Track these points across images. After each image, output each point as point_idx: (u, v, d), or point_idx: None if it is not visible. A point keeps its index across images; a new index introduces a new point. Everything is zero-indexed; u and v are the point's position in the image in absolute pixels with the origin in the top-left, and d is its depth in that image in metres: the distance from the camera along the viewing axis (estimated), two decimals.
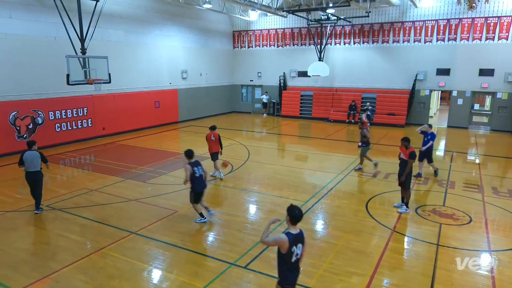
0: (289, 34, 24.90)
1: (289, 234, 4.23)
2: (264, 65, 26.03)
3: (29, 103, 14.43)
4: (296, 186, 10.61)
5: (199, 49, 23.50)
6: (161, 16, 20.28)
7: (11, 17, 13.69)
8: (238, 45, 26.83)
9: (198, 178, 7.94)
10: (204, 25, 23.71)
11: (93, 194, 9.98)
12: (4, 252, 6.83)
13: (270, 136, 19.20)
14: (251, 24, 26.03)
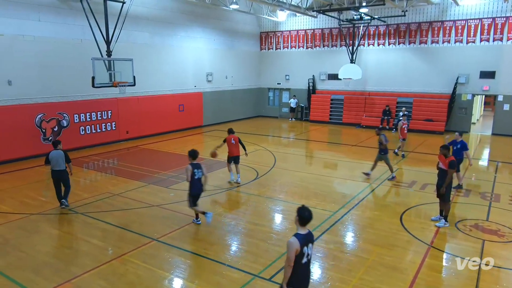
0: (319, 35, 24.79)
1: (298, 235, 4.32)
2: (293, 67, 26.00)
3: (55, 106, 15.05)
4: (324, 195, 10.49)
5: (225, 51, 23.79)
6: (187, 18, 20.70)
7: (39, 20, 14.38)
8: (266, 46, 26.96)
9: (196, 180, 8.20)
10: (231, 26, 23.99)
11: (116, 198, 10.24)
12: (27, 254, 7.11)
13: (297, 142, 19.10)
14: (279, 25, 26.11)
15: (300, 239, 4.28)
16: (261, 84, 27.54)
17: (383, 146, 11.74)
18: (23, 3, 13.81)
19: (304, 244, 4.32)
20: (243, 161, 14.10)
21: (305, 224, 4.40)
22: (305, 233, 4.39)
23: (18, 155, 13.97)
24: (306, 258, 4.36)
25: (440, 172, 8.42)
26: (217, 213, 9.18)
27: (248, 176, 12.31)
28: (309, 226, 4.49)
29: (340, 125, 23.78)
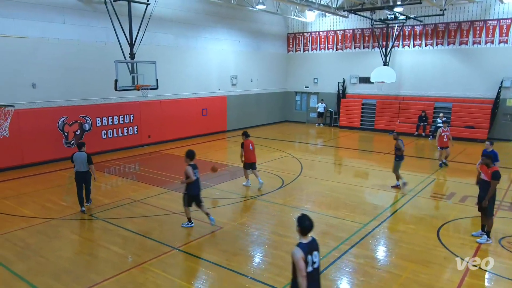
0: (350, 36, 24.59)
1: (301, 244, 4.41)
2: (321, 70, 25.88)
3: (78, 109, 15.56)
4: (354, 206, 10.33)
5: (250, 53, 23.96)
6: (212, 19, 21.00)
7: (64, 22, 14.95)
8: (293, 48, 26.96)
9: (196, 181, 8.72)
10: (257, 28, 24.16)
11: (136, 205, 10.44)
12: (47, 260, 7.34)
13: (325, 149, 18.94)
14: (308, 26, 26.08)
15: (303, 248, 4.37)
16: (287, 87, 27.52)
17: (399, 152, 11.64)
18: (49, 5, 14.41)
19: (308, 252, 4.40)
20: (268, 169, 14.12)
21: (306, 234, 4.49)
22: (308, 242, 4.46)
23: (41, 158, 14.50)
24: (312, 266, 4.42)
25: (482, 184, 8.13)
26: (240, 222, 9.19)
27: (273, 184, 12.29)
28: (337, 238, 4.42)
29: (372, 131, 23.42)
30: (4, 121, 9.10)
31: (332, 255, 7.44)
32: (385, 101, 23.51)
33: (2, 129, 9.17)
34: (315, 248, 4.51)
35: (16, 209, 10.00)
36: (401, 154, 11.71)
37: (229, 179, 12.96)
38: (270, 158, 15.95)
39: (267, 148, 18.19)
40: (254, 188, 11.86)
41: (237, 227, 8.83)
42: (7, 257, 7.41)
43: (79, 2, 15.31)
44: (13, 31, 13.55)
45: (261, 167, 14.42)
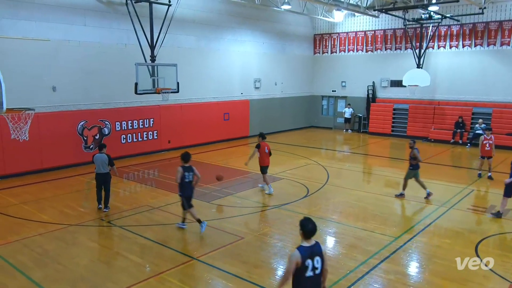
0: (380, 37, 24.33)
1: (301, 247, 4.48)
2: (350, 73, 25.68)
3: (97, 113, 15.96)
4: (384, 218, 10.15)
5: (274, 55, 24.03)
6: (235, 20, 21.20)
7: (85, 24, 15.41)
8: (320, 50, 26.88)
9: (187, 183, 9.16)
10: (281, 29, 24.23)
11: (155, 212, 10.58)
12: (65, 267, 7.53)
13: (353, 157, 18.72)
14: (336, 26, 25.97)
15: (302, 251, 4.44)
16: (314, 91, 27.42)
17: (414, 162, 11.59)
18: (70, 7, 14.89)
19: (308, 256, 4.44)
20: (292, 177, 14.08)
21: (309, 237, 4.54)
22: (310, 245, 4.52)
23: (60, 163, 14.91)
24: (312, 272, 4.46)
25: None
26: (263, 232, 9.18)
27: (297, 193, 12.23)
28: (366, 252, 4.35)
29: (404, 138, 22.98)
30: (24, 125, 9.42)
31: (360, 270, 7.32)
32: (418, 106, 23.10)
33: (22, 133, 9.48)
34: (318, 253, 4.53)
35: (35, 214, 10.30)
36: (417, 163, 11.65)
37: (251, 186, 12.98)
38: (294, 166, 15.89)
39: (292, 155, 18.14)
40: (277, 197, 11.82)
41: (259, 237, 8.82)
42: (25, 263, 7.63)
43: (100, 3, 15.76)
44: (34, 34, 14.05)
45: (285, 174, 14.41)
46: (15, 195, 11.94)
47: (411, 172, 11.75)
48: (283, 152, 18.53)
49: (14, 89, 11.95)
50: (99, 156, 10.35)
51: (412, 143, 11.96)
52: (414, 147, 11.78)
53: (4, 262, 7.70)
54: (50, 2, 14.33)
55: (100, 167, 10.33)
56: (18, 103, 10.94)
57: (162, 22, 15.34)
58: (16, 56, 13.55)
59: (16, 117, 9.40)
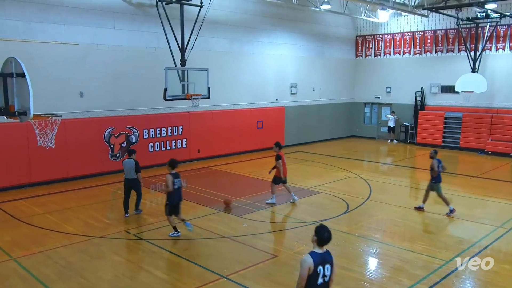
0: (430, 38, 23.85)
1: (313, 253, 4.85)
2: (396, 77, 25.27)
3: (125, 120, 16.42)
4: (433, 239, 9.88)
5: (312, 58, 23.99)
6: (270, 21, 21.36)
7: (114, 27, 15.96)
8: (362, 53, 26.63)
9: (175, 190, 9.69)
10: (320, 30, 24.20)
11: (183, 226, 10.69)
12: (88, 281, 7.74)
13: (399, 170, 18.33)
14: (380, 27, 25.69)
15: (315, 258, 4.81)
16: (355, 98, 27.13)
17: (434, 173, 11.63)
18: (100, 10, 15.48)
19: (320, 263, 4.82)
20: (331, 191, 13.93)
21: (323, 245, 4.92)
22: (322, 252, 4.90)
23: (86, 172, 15.40)
24: (322, 279, 4.83)
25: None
26: (297, 251, 9.11)
27: (336, 208, 12.09)
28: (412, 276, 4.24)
29: (457, 150, 22.34)
30: (50, 131, 9.80)
31: None
32: (473, 114, 22.40)
33: (49, 140, 9.86)
34: (329, 261, 4.92)
35: (59, 225, 10.67)
36: (436, 176, 11.64)
37: (285, 200, 12.93)
38: (333, 179, 15.74)
39: (330, 167, 17.97)
40: (314, 212, 11.74)
41: (293, 256, 8.74)
42: (49, 276, 7.90)
43: (130, 6, 16.30)
44: (63, 38, 14.68)
45: (323, 188, 14.28)
46: (40, 205, 12.42)
47: (432, 185, 11.75)
48: (321, 164, 18.38)
49: (41, 94, 12.47)
50: (127, 161, 11.17)
51: (432, 153, 12.05)
52: (434, 157, 11.84)
53: (28, 274, 8.00)
54: (79, 5, 14.96)
55: (127, 173, 11.10)
56: (45, 109, 11.41)
57: (193, 25, 15.66)
58: (44, 60, 14.18)
59: (42, 124, 9.79)
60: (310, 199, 13.18)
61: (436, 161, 11.71)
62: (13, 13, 13.56)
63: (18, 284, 7.64)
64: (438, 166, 11.63)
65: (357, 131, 27.26)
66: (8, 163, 13.57)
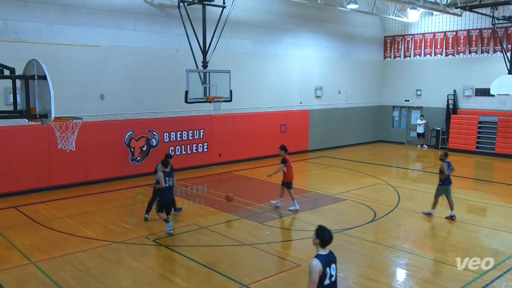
0: (464, 38, 23.44)
1: (320, 256, 5.10)
2: (426, 80, 24.91)
3: (145, 123, 16.65)
4: (467, 250, 9.65)
5: (338, 60, 23.86)
6: (294, 22, 21.36)
7: (135, 29, 16.23)
8: (391, 54, 26.36)
9: (167, 188, 10.44)
10: (347, 31, 24.06)
11: (203, 232, 10.77)
12: (107, 287, 7.85)
13: (429, 176, 17.99)
14: (410, 27, 25.39)
15: (322, 260, 5.05)
16: (383, 101, 26.85)
17: (443, 176, 11.72)
18: (121, 11, 15.76)
19: (327, 265, 5.07)
20: (357, 198, 13.80)
21: (325, 246, 5.18)
22: (326, 253, 5.15)
23: (105, 175, 15.65)
24: (329, 280, 5.06)
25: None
26: None
27: (362, 216, 11.98)
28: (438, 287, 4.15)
29: (492, 156, 21.86)
30: (71, 134, 10.00)
31: None
32: (509, 118, 21.91)
33: (69, 143, 10.07)
34: (333, 260, 5.19)
35: (79, 229, 10.88)
36: (445, 178, 11.74)
37: (310, 207, 12.87)
38: (360, 185, 15.59)
39: (357, 173, 17.82)
40: (340, 220, 11.65)
41: None
42: (68, 281, 8.06)
43: (152, 7, 16.55)
44: (85, 40, 15.01)
45: (349, 195, 14.16)
46: (60, 208, 12.69)
47: (440, 188, 11.82)
48: (347, 170, 18.23)
49: (63, 97, 12.76)
50: None
51: (442, 156, 12.17)
52: (444, 160, 11.95)
53: (47, 278, 8.18)
54: (101, 7, 15.27)
55: None
56: (66, 111, 11.63)
57: (216, 26, 15.78)
58: (66, 62, 14.50)
59: (63, 126, 10.00)
60: (335, 206, 13.08)
61: (446, 164, 11.85)
62: (36, 15, 13.95)
63: None
64: (448, 169, 11.74)
65: (385, 136, 26.95)
66: (29, 166, 13.92)
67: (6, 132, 13.42)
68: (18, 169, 13.74)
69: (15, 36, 13.56)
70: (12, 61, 7.41)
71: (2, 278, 8.12)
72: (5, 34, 13.39)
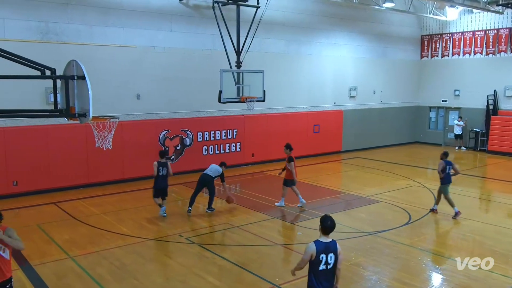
0: (505, 37, 22.69)
1: (317, 242, 5.46)
2: (465, 80, 24.25)
3: (180, 122, 16.89)
4: (506, 256, 9.35)
5: (373, 60, 23.53)
6: (329, 21, 21.19)
7: (171, 30, 16.50)
8: (428, 53, 25.80)
9: (160, 177, 11.54)
10: (382, 30, 23.70)
11: (235, 231, 10.83)
12: (141, 283, 8.01)
13: (468, 179, 17.50)
14: (448, 26, 24.77)
15: (318, 245, 5.42)
16: (420, 101, 26.31)
17: (440, 175, 12.10)
18: (157, 13, 16.06)
19: (323, 251, 5.40)
20: (391, 200, 13.57)
21: (327, 233, 5.51)
22: (326, 241, 5.48)
23: (141, 173, 15.93)
24: (325, 266, 5.41)
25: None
26: (355, 262, 8.93)
27: (397, 219, 11.77)
28: None
29: None
30: (108, 133, 10.25)
31: None
32: None
33: (106, 141, 10.32)
34: (333, 250, 5.47)
35: (115, 226, 11.15)
36: (442, 178, 12.10)
37: (343, 209, 12.74)
38: (394, 187, 15.33)
39: (391, 174, 17.52)
40: (373, 222, 11.50)
41: (350, 268, 8.58)
42: (103, 276, 8.27)
43: (187, 8, 16.78)
44: (122, 41, 15.37)
45: (383, 197, 13.94)
46: (97, 205, 13.04)
47: (443, 187, 12.17)
48: (381, 171, 17.95)
49: (100, 96, 13.10)
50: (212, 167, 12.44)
51: (442, 155, 12.53)
52: (443, 158, 12.37)
53: (84, 272, 8.42)
54: (138, 8, 15.60)
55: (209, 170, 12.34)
56: (103, 111, 11.94)
57: (250, 26, 15.86)
58: (103, 63, 14.89)
59: (101, 125, 10.28)
60: (369, 208, 12.91)
61: (444, 162, 12.16)
62: (75, 17, 14.39)
63: (75, 282, 8.05)
64: (445, 168, 12.05)
65: (421, 137, 26.39)
66: (68, 164, 14.37)
67: (47, 130, 13.92)
68: (58, 166, 14.21)
69: (56, 38, 14.05)
70: (53, 62, 7.65)
71: (42, 271, 8.43)
72: (47, 36, 13.90)
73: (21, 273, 8.39)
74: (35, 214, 12.13)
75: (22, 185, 13.69)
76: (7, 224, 5.65)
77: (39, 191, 13.95)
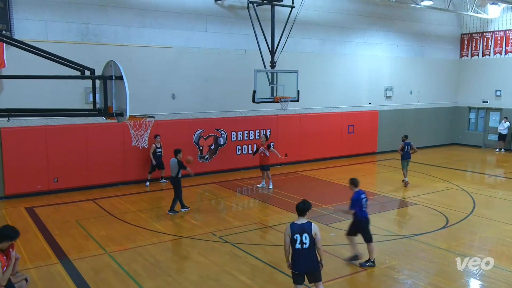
0: None
1: (292, 224, 6.30)
2: (507, 79, 23.41)
3: (214, 122, 17.05)
4: None
5: (410, 59, 23.06)
6: (365, 20, 20.90)
7: (206, 30, 16.68)
8: (468, 52, 25.06)
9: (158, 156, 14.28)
10: (420, 29, 23.19)
11: (267, 231, 10.85)
12: (174, 280, 8.14)
13: (509, 183, 16.91)
14: (490, 24, 23.98)
15: (292, 227, 6.24)
16: (458, 101, 25.58)
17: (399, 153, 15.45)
18: (193, 14, 16.27)
19: (297, 232, 6.17)
20: (428, 203, 13.29)
21: (301, 215, 6.31)
22: (301, 223, 6.24)
23: None
24: (300, 245, 6.15)
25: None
26: (389, 265, 8.78)
27: (434, 222, 11.50)
28: None
29: None
30: (144, 132, 10.47)
31: None
32: None
33: (142, 140, 10.55)
34: (307, 231, 6.19)
35: (150, 223, 11.37)
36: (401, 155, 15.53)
37: (377, 211, 12.54)
38: (431, 190, 14.99)
39: (429, 176, 17.13)
40: (409, 225, 11.31)
41: (384, 271, 8.45)
42: (138, 272, 8.45)
43: (222, 8, 16.91)
44: (158, 42, 15.66)
45: (420, 199, 13.66)
46: (133, 202, 13.34)
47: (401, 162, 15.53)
48: (418, 173, 17.55)
49: (137, 96, 13.41)
50: (172, 161, 12.28)
51: (403, 137, 15.77)
52: (403, 140, 15.55)
53: (120, 268, 8.63)
54: (174, 9, 15.85)
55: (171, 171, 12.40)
56: (140, 110, 12.21)
57: (284, 26, 15.84)
58: (140, 63, 15.21)
59: (137, 124, 10.51)
60: (405, 211, 12.68)
61: (403, 143, 15.40)
62: (114, 19, 14.78)
63: (111, 277, 8.26)
64: (403, 147, 15.29)
65: (460, 139, 25.66)
66: (106, 162, 14.77)
67: (86, 129, 14.34)
68: (96, 164, 14.62)
69: (95, 39, 14.46)
70: (92, 62, 7.88)
71: (80, 266, 8.70)
72: (87, 37, 14.32)
73: (61, 267, 8.69)
74: (74, 210, 12.53)
75: (62, 182, 14.17)
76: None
77: (78, 188, 14.42)
